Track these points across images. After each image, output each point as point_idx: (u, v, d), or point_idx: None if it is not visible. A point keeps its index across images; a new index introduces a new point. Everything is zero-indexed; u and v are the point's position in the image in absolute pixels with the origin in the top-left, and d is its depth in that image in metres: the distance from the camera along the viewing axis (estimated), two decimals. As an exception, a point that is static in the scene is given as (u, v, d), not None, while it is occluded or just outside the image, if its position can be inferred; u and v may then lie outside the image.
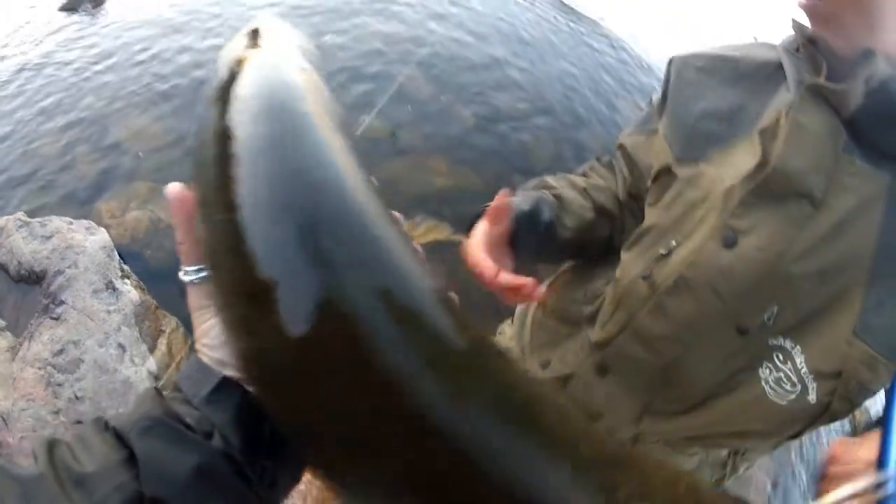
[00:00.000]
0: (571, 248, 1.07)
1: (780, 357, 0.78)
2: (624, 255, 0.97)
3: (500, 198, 0.95)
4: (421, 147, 2.82)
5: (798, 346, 0.77)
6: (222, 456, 0.37)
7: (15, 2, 4.14)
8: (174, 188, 0.42)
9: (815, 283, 0.74)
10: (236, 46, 0.50)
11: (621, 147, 1.09)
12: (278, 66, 0.46)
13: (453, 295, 0.38)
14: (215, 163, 0.39)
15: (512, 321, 1.32)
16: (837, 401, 0.76)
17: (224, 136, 0.39)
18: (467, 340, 0.36)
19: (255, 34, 0.50)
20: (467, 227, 0.97)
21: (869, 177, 0.71)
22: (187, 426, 0.37)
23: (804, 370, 0.76)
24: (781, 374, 0.77)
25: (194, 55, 3.38)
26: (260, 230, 0.35)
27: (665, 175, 0.92)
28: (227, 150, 0.38)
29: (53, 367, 1.80)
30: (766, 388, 0.79)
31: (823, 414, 0.78)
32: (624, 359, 0.92)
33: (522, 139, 3.09)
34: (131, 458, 0.35)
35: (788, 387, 0.77)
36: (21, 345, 2.00)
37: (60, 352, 1.85)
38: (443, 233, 0.57)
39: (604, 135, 3.32)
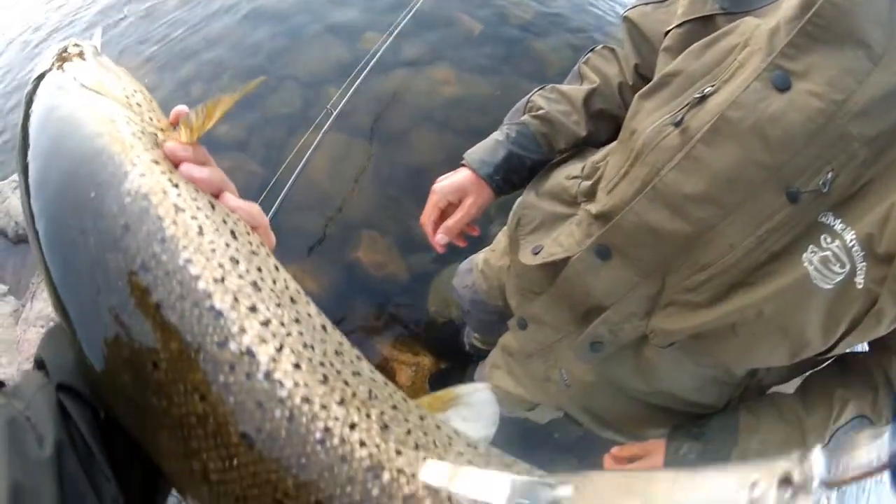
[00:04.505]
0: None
1: (828, 239, 0.70)
2: (641, 103, 0.84)
3: (432, 207, 1.08)
4: (426, 57, 2.58)
5: (849, 228, 0.69)
6: None
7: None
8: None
9: (872, 148, 0.66)
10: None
11: (627, 20, 1.00)
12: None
13: None
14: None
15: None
16: (887, 295, 0.67)
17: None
18: None
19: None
20: None
21: None
22: None
23: (855, 246, 0.68)
24: (829, 253, 0.69)
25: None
26: None
27: (696, 23, 0.82)
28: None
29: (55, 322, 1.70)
30: (811, 270, 0.70)
31: (868, 312, 0.69)
32: (635, 233, 0.80)
33: (533, 44, 2.81)
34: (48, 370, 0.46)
35: (837, 267, 0.69)
36: (24, 306, 1.92)
37: (60, 307, 1.75)
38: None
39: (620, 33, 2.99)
